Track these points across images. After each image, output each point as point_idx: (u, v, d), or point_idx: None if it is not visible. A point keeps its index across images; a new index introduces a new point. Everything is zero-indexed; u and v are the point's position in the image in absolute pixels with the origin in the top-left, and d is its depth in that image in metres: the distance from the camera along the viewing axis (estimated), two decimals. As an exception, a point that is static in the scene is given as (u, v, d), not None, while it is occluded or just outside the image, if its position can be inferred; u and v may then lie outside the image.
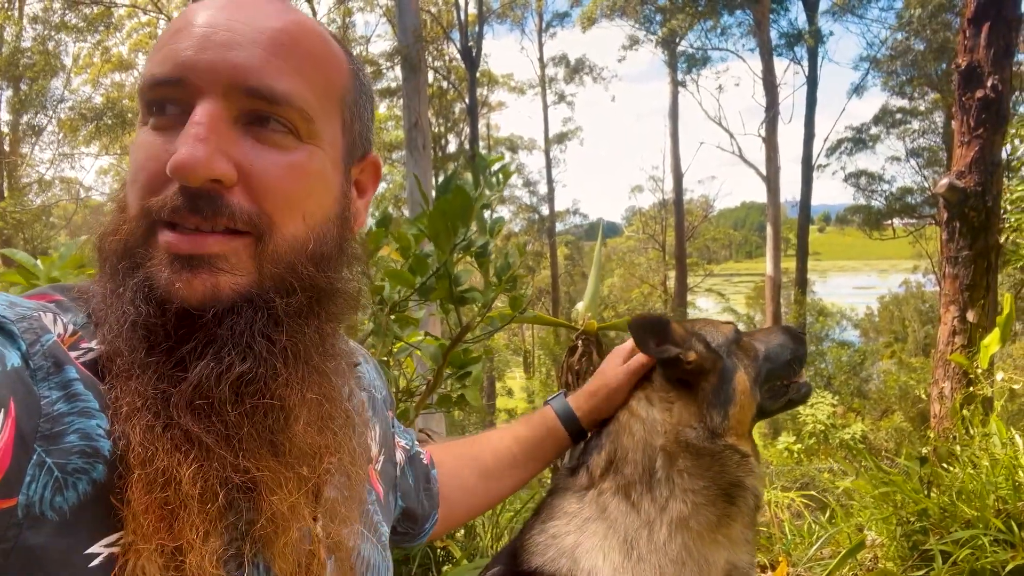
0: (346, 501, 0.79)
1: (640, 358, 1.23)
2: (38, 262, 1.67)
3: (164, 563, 0.59)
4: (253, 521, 0.65)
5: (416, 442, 1.15)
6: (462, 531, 2.55)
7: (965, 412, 3.16)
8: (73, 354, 0.62)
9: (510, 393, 29.15)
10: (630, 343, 1.28)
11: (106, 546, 0.58)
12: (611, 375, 1.24)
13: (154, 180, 0.65)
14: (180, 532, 0.60)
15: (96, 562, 0.58)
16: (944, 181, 4.21)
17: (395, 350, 2.17)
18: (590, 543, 1.08)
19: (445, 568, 2.26)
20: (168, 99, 0.66)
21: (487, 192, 2.01)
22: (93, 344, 0.65)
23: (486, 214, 2.05)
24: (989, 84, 4.16)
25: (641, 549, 1.06)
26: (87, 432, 0.59)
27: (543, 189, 27.18)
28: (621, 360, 1.26)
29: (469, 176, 1.97)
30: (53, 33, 16.63)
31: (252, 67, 0.65)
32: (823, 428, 9.63)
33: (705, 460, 1.13)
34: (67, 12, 17.06)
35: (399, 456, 1.05)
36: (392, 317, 2.06)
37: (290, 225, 0.68)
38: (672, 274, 25.21)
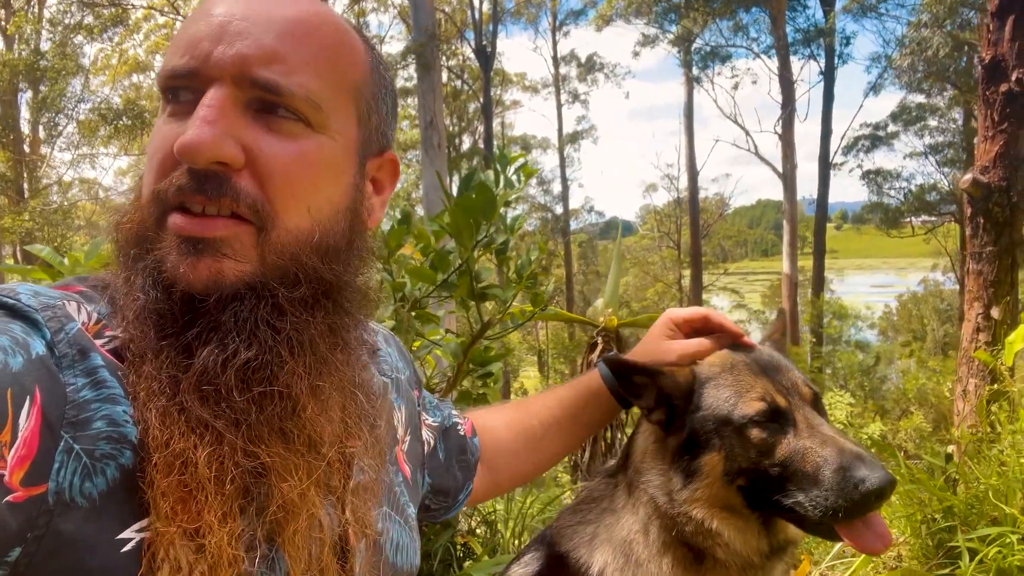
0: (371, 485, 0.79)
1: (695, 344, 1.13)
2: (64, 259, 1.68)
3: (184, 544, 0.59)
4: (266, 507, 0.65)
5: (453, 413, 1.12)
6: (483, 527, 2.55)
7: (993, 408, 3.12)
8: (98, 342, 0.63)
9: (525, 393, 29.19)
10: (684, 312, 1.18)
11: (137, 531, 0.59)
12: (660, 351, 1.14)
13: (165, 163, 0.66)
14: (199, 514, 0.60)
15: (128, 548, 0.58)
16: (968, 176, 4.16)
17: (416, 348, 2.17)
18: (604, 535, 1.09)
19: (466, 564, 2.26)
20: (183, 87, 0.66)
21: (508, 189, 2.00)
22: (118, 332, 0.65)
23: (509, 213, 2.05)
24: (1014, 78, 4.10)
25: (639, 554, 1.06)
26: (114, 418, 0.59)
27: (557, 188, 27.16)
28: (670, 330, 1.17)
29: (490, 174, 1.97)
30: (71, 36, 16.81)
31: (257, 57, 0.65)
32: (842, 427, 9.57)
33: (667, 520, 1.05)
34: (84, 13, 17.24)
35: (425, 434, 1.04)
36: (413, 314, 2.06)
37: (294, 215, 0.68)
38: (687, 272, 25.10)
